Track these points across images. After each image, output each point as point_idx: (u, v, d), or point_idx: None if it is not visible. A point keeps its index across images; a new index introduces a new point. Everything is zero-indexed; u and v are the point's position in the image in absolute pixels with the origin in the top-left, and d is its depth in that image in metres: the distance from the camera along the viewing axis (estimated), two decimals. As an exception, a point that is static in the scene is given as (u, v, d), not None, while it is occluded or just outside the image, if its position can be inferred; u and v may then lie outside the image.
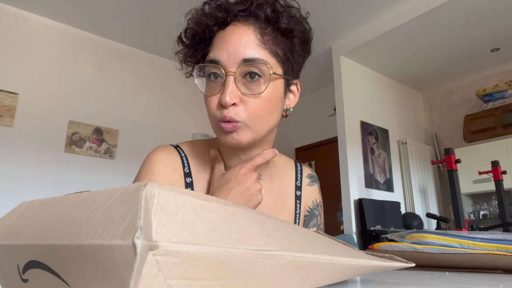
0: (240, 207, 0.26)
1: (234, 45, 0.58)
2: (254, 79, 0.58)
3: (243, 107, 0.58)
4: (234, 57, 0.57)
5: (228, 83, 0.57)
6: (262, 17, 0.59)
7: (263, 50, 0.58)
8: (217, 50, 0.59)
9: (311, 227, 0.77)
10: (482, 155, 3.61)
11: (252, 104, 0.58)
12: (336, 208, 3.74)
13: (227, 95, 0.56)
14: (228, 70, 0.57)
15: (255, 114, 0.58)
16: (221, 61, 0.58)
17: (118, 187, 0.22)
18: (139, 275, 0.17)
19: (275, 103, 0.61)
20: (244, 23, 0.59)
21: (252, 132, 0.60)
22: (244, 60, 0.57)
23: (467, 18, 3.11)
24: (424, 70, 4.05)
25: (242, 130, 0.59)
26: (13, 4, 3.20)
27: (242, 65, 0.57)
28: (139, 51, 3.93)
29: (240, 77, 0.58)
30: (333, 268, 0.31)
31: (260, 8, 0.59)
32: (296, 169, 0.80)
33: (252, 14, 0.59)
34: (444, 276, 0.50)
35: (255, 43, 0.58)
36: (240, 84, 0.58)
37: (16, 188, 3.00)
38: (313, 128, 4.79)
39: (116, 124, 3.63)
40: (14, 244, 0.26)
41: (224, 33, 0.60)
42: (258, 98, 0.58)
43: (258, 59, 0.57)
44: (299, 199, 0.76)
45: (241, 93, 0.58)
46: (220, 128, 0.59)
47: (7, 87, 3.10)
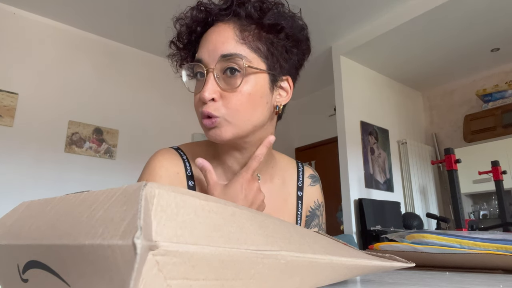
0: (240, 207, 0.26)
1: (213, 42, 0.60)
2: (233, 75, 0.59)
3: (221, 102, 0.59)
4: (214, 54, 0.59)
5: (208, 80, 0.59)
6: (242, 14, 0.61)
7: (241, 45, 0.59)
8: (200, 49, 0.62)
9: (312, 228, 0.76)
10: (482, 155, 3.61)
11: (230, 99, 0.59)
12: (336, 208, 3.74)
13: (206, 91, 0.58)
14: (208, 67, 0.59)
15: (234, 108, 0.59)
16: (203, 59, 0.60)
17: (118, 187, 0.22)
18: (139, 275, 0.17)
19: (257, 98, 0.61)
20: (225, 22, 0.61)
21: (234, 127, 0.60)
22: (222, 56, 0.59)
23: (467, 18, 3.11)
24: (424, 70, 4.05)
25: (223, 126, 0.59)
26: (13, 4, 3.20)
27: (220, 61, 0.59)
28: (139, 51, 3.93)
29: (220, 73, 0.59)
30: (333, 268, 0.31)
31: (241, 7, 0.61)
32: (298, 169, 0.79)
33: (233, 13, 0.61)
34: (444, 276, 0.50)
35: (233, 39, 0.59)
36: (220, 80, 0.59)
37: (16, 188, 3.00)
38: (313, 128, 4.79)
39: (116, 124, 3.63)
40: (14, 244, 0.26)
41: (207, 34, 0.62)
42: (237, 93, 0.59)
43: (235, 54, 0.58)
44: (300, 200, 0.76)
45: (221, 89, 0.59)
46: (203, 125, 0.61)
47: (7, 87, 3.10)
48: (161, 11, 3.26)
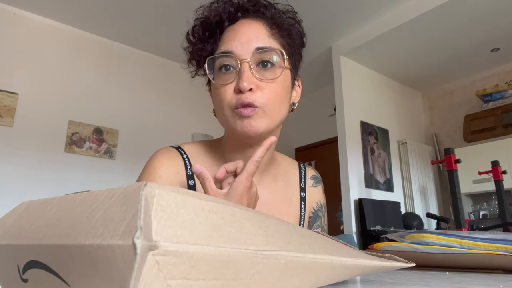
0: (240, 207, 0.26)
1: (246, 35, 0.61)
2: (267, 67, 0.60)
3: (260, 93, 0.59)
4: (248, 46, 0.60)
5: (244, 70, 0.59)
6: (268, 15, 0.63)
7: (273, 40, 0.62)
8: (229, 42, 0.61)
9: (315, 229, 0.76)
10: (482, 155, 3.61)
11: (268, 89, 0.60)
12: (336, 208, 3.74)
13: (245, 81, 0.57)
14: (242, 58, 0.59)
15: (271, 98, 0.60)
16: (234, 51, 0.60)
17: (118, 187, 0.22)
18: (139, 275, 0.17)
19: (286, 92, 0.64)
20: (253, 18, 0.63)
21: (268, 119, 0.60)
22: (258, 48, 0.60)
23: (467, 18, 3.11)
24: (424, 70, 4.05)
25: (259, 117, 0.59)
26: (13, 4, 3.20)
27: (256, 53, 0.60)
28: (139, 51, 3.93)
29: (255, 65, 0.60)
30: (333, 268, 0.31)
31: (266, 8, 0.64)
32: (300, 170, 0.79)
33: (260, 11, 0.64)
34: (444, 276, 0.50)
35: (266, 34, 0.62)
36: (255, 72, 0.60)
37: (16, 188, 3.00)
38: (313, 128, 4.79)
39: (116, 124, 3.63)
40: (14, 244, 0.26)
41: (235, 27, 0.63)
42: (273, 84, 0.60)
43: (271, 48, 0.60)
44: (303, 201, 0.76)
45: (257, 79, 0.59)
46: (236, 114, 0.59)
47: (7, 87, 3.10)
48: (162, 11, 3.26)
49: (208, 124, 4.13)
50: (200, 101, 4.11)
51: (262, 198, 0.68)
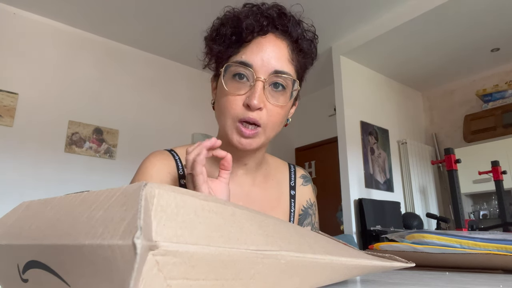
0: (240, 207, 0.26)
1: (268, 54, 0.62)
2: (278, 90, 0.63)
3: (266, 113, 0.62)
4: (267, 65, 0.62)
5: (257, 88, 0.61)
6: (294, 36, 0.65)
7: (291, 65, 0.64)
8: (251, 54, 0.62)
9: (305, 226, 0.79)
10: (482, 155, 3.61)
11: (273, 112, 0.63)
12: (336, 208, 3.74)
13: (256, 99, 0.60)
14: (258, 75, 0.61)
15: (274, 121, 0.64)
16: (254, 66, 0.61)
17: (118, 187, 0.22)
18: (139, 275, 0.17)
19: (287, 112, 0.68)
20: (279, 37, 0.65)
21: (265, 137, 0.64)
22: (276, 71, 0.62)
23: (467, 18, 3.11)
24: (424, 70, 4.05)
25: (258, 137, 0.63)
26: (13, 4, 3.20)
27: (272, 75, 0.62)
28: (139, 51, 3.93)
29: (267, 85, 0.62)
30: (333, 268, 0.31)
31: (294, 28, 0.65)
32: (290, 170, 0.83)
33: (287, 31, 0.65)
34: (444, 276, 0.50)
35: (287, 58, 0.64)
36: (266, 92, 0.62)
37: (16, 188, 3.00)
38: (313, 128, 4.78)
39: (116, 124, 3.63)
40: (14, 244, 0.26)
41: (262, 41, 0.64)
42: (279, 108, 0.63)
43: (287, 73, 0.63)
44: (293, 198, 0.79)
45: (267, 100, 0.62)
46: (238, 130, 0.62)
47: (7, 87, 3.10)
48: (162, 11, 3.26)
49: (208, 124, 4.13)
50: (200, 101, 4.11)
51: (254, 196, 0.73)
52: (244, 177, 0.72)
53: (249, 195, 0.72)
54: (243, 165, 0.71)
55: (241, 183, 0.72)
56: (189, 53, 3.83)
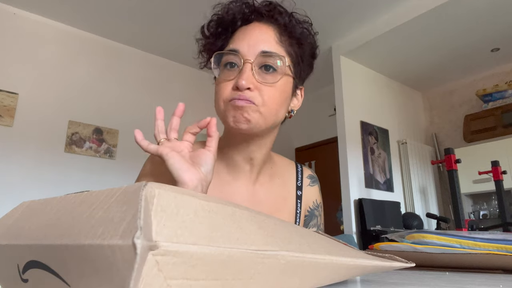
0: (240, 207, 0.26)
1: (254, 38, 0.63)
2: (269, 71, 0.62)
3: (258, 93, 0.61)
4: (254, 48, 0.62)
5: (245, 69, 0.61)
6: (281, 22, 0.66)
7: (280, 47, 0.64)
8: (238, 41, 0.64)
9: (311, 227, 0.78)
10: (482, 155, 3.61)
11: (266, 91, 0.62)
12: (336, 208, 3.74)
13: (243, 79, 0.59)
14: (246, 58, 0.61)
15: (268, 101, 0.62)
16: (241, 51, 0.62)
17: (118, 187, 0.22)
18: (139, 275, 0.17)
19: (284, 97, 0.66)
20: (265, 23, 0.66)
21: (262, 117, 0.61)
22: (263, 52, 0.62)
23: (467, 18, 3.11)
24: (424, 70, 4.05)
25: (253, 111, 0.61)
26: (13, 4, 3.20)
27: (260, 56, 0.62)
28: (139, 51, 3.93)
29: (257, 67, 0.62)
30: (333, 268, 0.31)
31: (280, 15, 0.66)
32: (297, 169, 0.81)
33: (273, 17, 0.66)
34: (444, 276, 0.50)
35: (274, 39, 0.64)
36: (256, 74, 0.61)
37: (16, 188, 3.00)
38: (313, 128, 4.78)
39: (116, 124, 3.63)
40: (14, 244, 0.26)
41: (247, 28, 0.65)
42: (272, 88, 0.62)
43: (275, 53, 0.62)
44: (300, 199, 0.77)
45: (256, 81, 0.61)
46: (230, 105, 0.61)
47: (7, 87, 3.10)
48: (162, 11, 3.26)
49: (208, 124, 4.12)
50: (200, 101, 4.11)
51: (258, 196, 0.71)
52: (250, 174, 0.71)
53: (255, 194, 0.71)
54: (249, 160, 0.69)
55: (246, 182, 0.71)
56: (189, 52, 3.81)
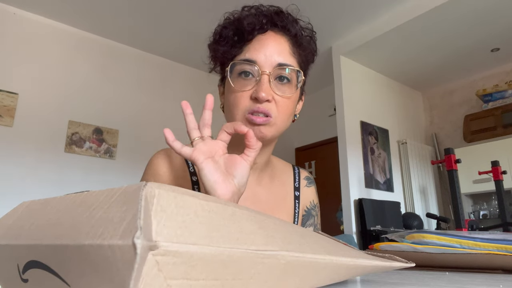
0: (240, 207, 0.26)
1: (271, 49, 0.65)
2: (283, 82, 0.65)
3: (275, 105, 0.64)
4: (270, 59, 0.64)
5: (263, 81, 0.62)
6: (292, 32, 0.68)
7: (293, 59, 0.67)
8: (255, 51, 0.65)
9: (307, 227, 0.81)
10: (482, 155, 3.61)
11: (282, 104, 0.65)
12: (336, 208, 3.74)
13: (264, 91, 0.61)
14: (263, 70, 0.63)
15: (283, 113, 0.65)
16: (258, 61, 0.64)
17: (118, 187, 0.22)
18: (139, 275, 0.17)
19: (294, 106, 0.70)
20: (279, 33, 0.68)
21: (275, 129, 0.65)
22: (279, 64, 0.64)
23: (467, 18, 3.11)
24: (424, 70, 4.05)
25: (270, 126, 0.64)
26: (13, 4, 3.20)
27: (276, 68, 0.64)
28: (139, 51, 3.93)
29: (273, 78, 0.64)
30: (333, 268, 0.31)
31: (292, 24, 0.69)
32: (294, 171, 0.85)
33: (286, 27, 0.68)
34: (444, 276, 0.50)
35: (288, 51, 0.67)
36: (272, 85, 0.64)
37: (16, 188, 3.00)
38: (313, 128, 4.78)
39: (116, 124, 3.63)
40: (14, 244, 0.26)
41: (262, 37, 0.67)
42: (286, 99, 0.65)
43: (290, 65, 0.65)
44: (297, 199, 0.80)
45: (274, 93, 0.64)
46: (249, 120, 0.63)
47: (7, 87, 3.10)
48: (161, 11, 3.26)
49: (208, 124, 4.12)
50: (201, 101, 4.10)
51: (260, 196, 0.74)
52: (252, 177, 0.73)
53: (256, 195, 0.73)
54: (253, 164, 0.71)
55: (248, 183, 0.72)
56: (189, 53, 3.83)
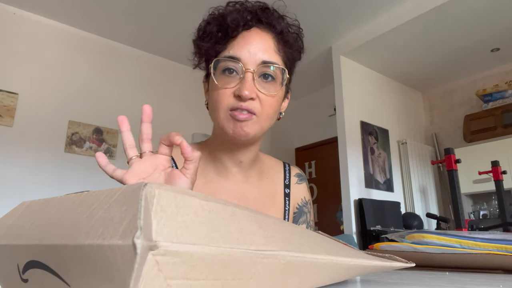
0: (240, 207, 0.26)
1: (255, 46, 0.64)
2: (268, 80, 0.64)
3: (259, 103, 0.63)
4: (255, 57, 0.63)
5: (247, 79, 0.62)
6: (278, 28, 0.67)
7: (278, 56, 0.66)
8: (239, 48, 0.64)
9: (300, 224, 0.81)
10: (482, 155, 3.61)
11: (266, 102, 0.64)
12: (336, 208, 3.74)
13: (247, 89, 0.61)
14: (247, 67, 0.63)
15: (267, 111, 0.64)
16: (242, 58, 0.63)
17: (118, 187, 0.22)
18: (139, 275, 0.17)
19: (279, 104, 0.69)
20: (264, 30, 0.67)
21: (259, 126, 0.64)
22: (263, 62, 0.64)
23: (467, 18, 3.11)
24: (424, 70, 4.05)
25: (253, 124, 0.63)
26: (13, 4, 3.19)
27: (260, 66, 0.63)
28: (139, 51, 3.93)
29: (257, 76, 0.64)
30: (333, 268, 0.31)
31: (277, 21, 0.68)
32: (285, 168, 0.84)
33: (271, 24, 0.67)
34: (444, 276, 0.50)
35: (273, 49, 0.66)
36: (256, 83, 0.63)
37: (16, 188, 3.00)
38: (313, 128, 4.78)
39: (116, 124, 3.61)
40: (14, 244, 0.26)
41: (247, 34, 0.66)
42: (270, 98, 0.65)
43: (275, 63, 0.65)
44: (288, 197, 0.80)
45: (258, 90, 0.63)
46: (231, 117, 0.63)
47: (7, 87, 3.10)
48: (161, 11, 3.26)
49: (208, 124, 4.11)
50: (200, 101, 4.10)
51: (248, 195, 0.73)
52: (239, 175, 0.73)
53: (244, 194, 0.73)
54: (238, 163, 0.72)
55: (235, 181, 0.73)
56: (189, 52, 3.82)
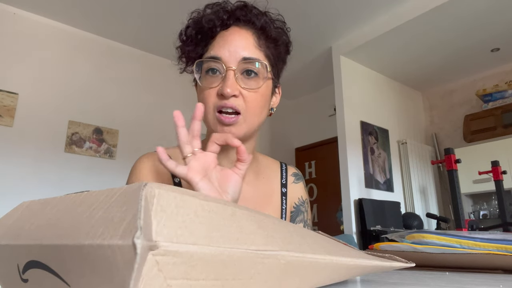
0: (239, 207, 0.26)
1: (234, 44, 0.64)
2: (250, 76, 0.65)
3: (242, 99, 0.63)
4: (235, 55, 0.64)
5: (229, 77, 0.62)
6: (258, 25, 0.67)
7: (259, 52, 0.66)
8: (219, 48, 0.65)
9: (297, 223, 0.81)
10: (482, 155, 3.61)
11: (250, 98, 0.64)
12: (336, 208, 3.74)
13: (228, 87, 0.61)
14: (228, 65, 0.63)
15: (252, 107, 0.64)
16: (222, 57, 0.64)
17: (118, 187, 0.22)
18: (139, 275, 0.17)
19: (266, 99, 0.68)
20: (243, 27, 0.67)
21: (247, 125, 0.65)
22: (244, 58, 0.64)
23: (467, 18, 3.11)
24: (424, 70, 4.05)
25: (240, 125, 0.64)
26: (13, 4, 3.19)
27: (241, 63, 0.64)
28: (139, 51, 3.93)
29: (239, 73, 0.64)
30: (333, 268, 0.31)
31: (256, 17, 0.67)
32: (281, 168, 0.85)
33: (250, 21, 0.67)
34: (444, 276, 0.50)
35: (253, 45, 0.66)
36: (239, 80, 0.64)
37: (16, 188, 3.00)
38: (313, 128, 4.78)
39: (116, 124, 3.62)
40: (14, 244, 0.26)
41: (226, 33, 0.66)
42: (254, 93, 0.65)
43: (256, 59, 0.65)
44: (285, 196, 0.80)
45: (240, 87, 0.63)
46: (218, 120, 0.63)
47: (7, 87, 3.10)
48: (161, 11, 3.26)
49: (208, 124, 4.12)
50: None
51: (244, 194, 0.73)
52: None
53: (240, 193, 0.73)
54: (232, 161, 0.72)
55: None
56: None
